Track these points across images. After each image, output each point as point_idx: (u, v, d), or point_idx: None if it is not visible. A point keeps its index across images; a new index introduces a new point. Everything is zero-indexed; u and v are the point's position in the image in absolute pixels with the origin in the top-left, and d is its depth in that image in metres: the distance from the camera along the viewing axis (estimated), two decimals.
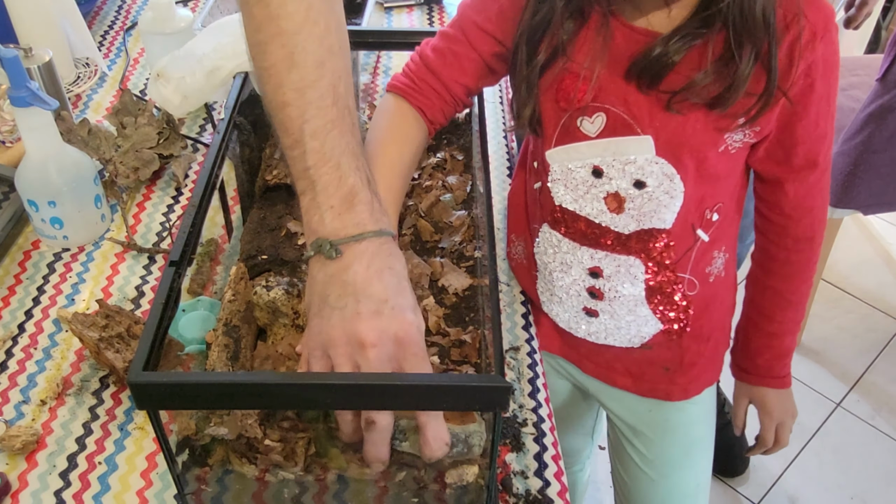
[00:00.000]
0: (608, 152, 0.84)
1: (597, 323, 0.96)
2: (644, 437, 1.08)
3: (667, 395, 1.03)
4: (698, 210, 0.87)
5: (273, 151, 1.03)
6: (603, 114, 0.82)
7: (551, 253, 0.94)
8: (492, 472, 0.72)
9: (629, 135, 0.82)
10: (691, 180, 0.84)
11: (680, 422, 1.06)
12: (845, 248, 2.39)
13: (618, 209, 0.86)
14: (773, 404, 1.03)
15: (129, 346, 0.87)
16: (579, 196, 0.88)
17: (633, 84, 0.80)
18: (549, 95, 0.85)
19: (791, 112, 0.81)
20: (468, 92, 0.92)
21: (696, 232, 0.88)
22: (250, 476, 0.73)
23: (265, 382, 0.62)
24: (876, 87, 1.60)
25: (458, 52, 0.89)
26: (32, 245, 1.05)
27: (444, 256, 0.94)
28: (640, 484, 1.12)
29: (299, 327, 0.82)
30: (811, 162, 0.85)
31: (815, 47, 0.76)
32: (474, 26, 0.88)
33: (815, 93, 0.79)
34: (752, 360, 1.02)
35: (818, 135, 0.83)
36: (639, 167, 0.83)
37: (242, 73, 1.00)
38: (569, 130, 0.85)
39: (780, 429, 1.05)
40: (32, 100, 0.92)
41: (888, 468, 1.85)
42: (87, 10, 1.49)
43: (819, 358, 2.10)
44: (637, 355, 0.99)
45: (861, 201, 1.75)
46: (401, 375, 0.63)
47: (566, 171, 0.87)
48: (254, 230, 0.93)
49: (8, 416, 0.85)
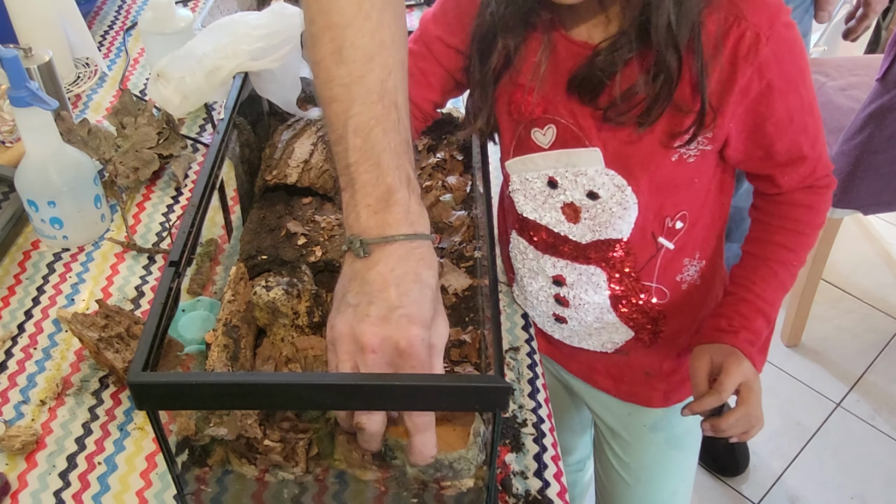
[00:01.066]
0: (560, 164, 0.84)
1: (567, 328, 0.97)
2: (622, 441, 1.08)
3: (647, 400, 1.02)
4: (657, 219, 0.85)
5: (273, 151, 1.03)
6: (553, 126, 0.83)
7: (521, 259, 0.95)
8: (491, 473, 0.72)
9: (578, 146, 0.82)
10: (644, 191, 0.82)
11: (660, 428, 1.05)
12: (845, 248, 2.39)
13: (574, 219, 0.86)
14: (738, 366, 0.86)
15: (129, 346, 0.87)
16: (538, 205, 0.88)
17: (575, 97, 0.80)
18: (503, 107, 0.86)
19: (755, 114, 0.79)
20: (436, 107, 0.92)
21: (657, 240, 0.87)
22: (250, 476, 0.73)
23: (265, 382, 0.62)
24: (876, 87, 1.60)
25: (425, 70, 0.88)
26: (32, 245, 1.05)
27: (444, 256, 0.94)
28: (616, 487, 1.12)
29: (299, 327, 0.82)
30: (796, 156, 0.83)
31: (760, 49, 0.74)
32: (437, 41, 0.87)
33: (775, 90, 0.77)
34: (721, 318, 0.89)
35: (795, 129, 0.80)
36: (590, 178, 0.83)
37: (242, 73, 1.00)
38: (524, 141, 0.86)
39: (745, 391, 0.85)
40: (32, 100, 0.92)
41: (888, 468, 1.85)
42: (87, 10, 1.49)
43: (819, 358, 2.10)
44: (616, 359, 0.99)
45: (861, 201, 1.75)
46: (400, 376, 0.63)
47: (524, 181, 0.88)
48: (254, 230, 0.93)
49: (8, 416, 0.85)
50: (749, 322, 0.86)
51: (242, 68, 0.99)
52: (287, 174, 0.97)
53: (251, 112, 1.06)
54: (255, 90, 1.04)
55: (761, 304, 0.87)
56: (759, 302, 0.87)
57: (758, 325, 0.86)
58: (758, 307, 0.87)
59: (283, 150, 1.01)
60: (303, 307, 0.83)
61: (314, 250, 0.90)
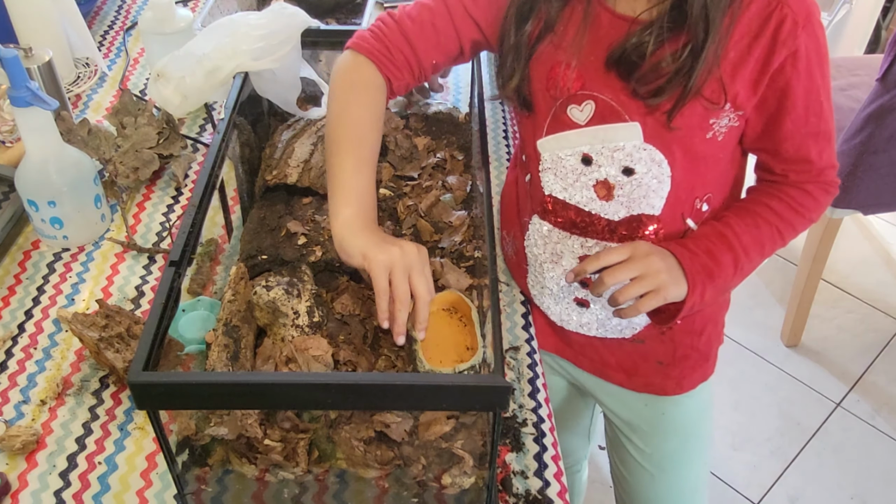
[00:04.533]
0: (597, 140, 0.84)
1: (588, 314, 0.96)
2: (641, 433, 1.08)
3: (661, 389, 1.03)
4: (688, 199, 0.87)
5: (273, 151, 1.03)
6: (592, 101, 0.83)
7: (542, 244, 0.94)
8: (491, 473, 0.72)
9: (617, 122, 0.82)
10: (679, 166, 0.84)
11: (675, 416, 1.06)
12: (845, 248, 2.39)
13: (607, 196, 0.86)
14: (653, 253, 0.83)
15: (129, 346, 0.87)
16: (569, 184, 0.88)
17: (614, 72, 0.80)
18: (540, 84, 0.85)
19: (779, 104, 0.81)
20: (435, 68, 0.92)
21: (685, 221, 0.88)
22: (250, 476, 0.73)
23: (265, 382, 0.62)
24: (876, 87, 1.60)
25: (439, 29, 0.88)
26: (32, 245, 1.05)
27: (444, 256, 0.94)
28: (639, 480, 1.12)
29: (299, 327, 0.82)
30: (803, 158, 0.85)
31: (798, 35, 0.76)
32: (461, 7, 0.88)
33: (802, 86, 0.79)
34: (690, 240, 0.87)
35: (808, 132, 0.82)
36: (627, 154, 0.83)
37: (242, 73, 1.00)
38: (559, 119, 0.86)
39: (636, 278, 0.82)
40: (32, 100, 0.92)
41: (888, 468, 1.85)
42: (87, 10, 1.49)
43: (819, 358, 2.10)
44: (629, 349, 0.99)
45: (861, 201, 1.75)
46: (401, 376, 0.63)
47: (556, 159, 0.88)
48: (254, 230, 0.93)
49: (8, 416, 0.85)
50: (715, 252, 0.85)
51: (242, 68, 0.99)
52: (287, 174, 0.97)
53: (251, 112, 1.06)
54: (255, 90, 1.04)
55: (735, 242, 0.86)
56: (734, 240, 0.86)
57: (723, 260, 0.85)
58: (730, 244, 0.86)
59: (283, 150, 1.01)
60: (303, 307, 0.83)
61: (314, 250, 0.90)
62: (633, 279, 0.81)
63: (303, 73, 1.06)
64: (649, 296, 0.82)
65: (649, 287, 0.81)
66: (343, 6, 1.43)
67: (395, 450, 0.75)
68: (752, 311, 2.18)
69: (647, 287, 0.81)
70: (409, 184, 1.04)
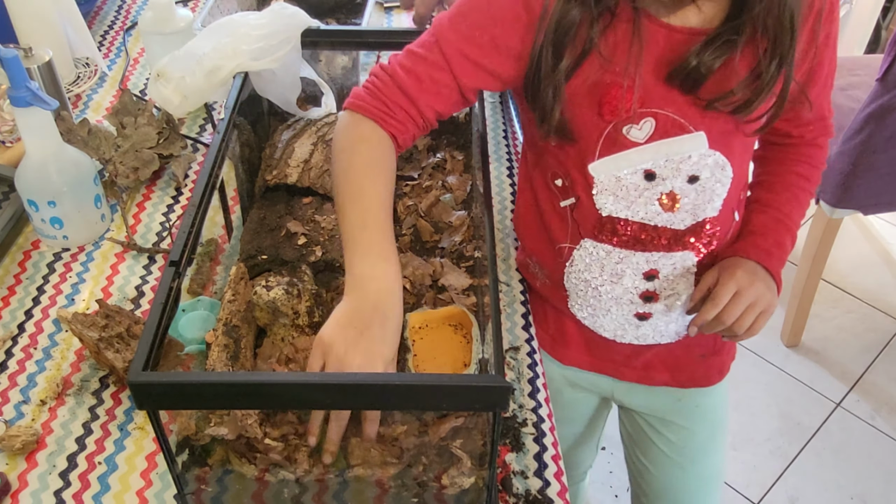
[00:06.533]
0: (660, 155, 0.83)
1: (646, 326, 0.94)
2: (675, 426, 1.08)
3: (706, 380, 1.04)
4: (738, 193, 0.89)
5: (273, 151, 1.03)
6: (652, 119, 0.81)
7: (597, 268, 0.90)
8: (491, 472, 0.72)
9: (682, 133, 0.82)
10: (737, 165, 0.86)
11: (708, 406, 1.07)
12: (845, 248, 2.39)
13: (671, 207, 0.85)
14: (748, 275, 0.87)
15: (129, 346, 0.87)
16: (631, 202, 0.85)
17: (675, 87, 0.80)
18: (587, 108, 0.82)
19: (808, 77, 0.83)
20: (439, 117, 0.88)
21: (734, 213, 0.90)
22: (250, 476, 0.73)
23: (265, 382, 0.62)
24: (876, 87, 1.60)
25: (438, 80, 0.83)
26: (32, 245, 1.05)
27: (444, 256, 0.94)
28: (667, 472, 1.12)
29: (299, 327, 0.82)
30: (820, 116, 0.91)
31: (833, 17, 0.81)
32: (461, 57, 0.82)
33: (829, 55, 0.83)
34: (758, 236, 0.92)
35: (825, 90, 0.87)
36: (693, 163, 0.83)
37: (242, 73, 1.00)
38: (614, 140, 0.83)
39: (747, 307, 0.86)
40: (32, 100, 0.92)
41: (888, 468, 1.85)
42: (87, 10, 1.49)
43: (819, 358, 2.10)
44: (673, 349, 0.99)
45: (861, 201, 1.75)
46: (401, 376, 0.63)
47: (614, 180, 0.85)
48: (254, 230, 0.93)
49: (8, 416, 0.85)
50: (781, 243, 0.92)
51: (242, 68, 0.99)
52: (287, 174, 0.97)
53: (251, 112, 1.06)
54: (255, 90, 1.04)
55: (790, 223, 0.93)
56: (789, 221, 0.93)
57: (787, 245, 0.93)
58: (787, 226, 0.93)
59: (283, 150, 1.01)
60: (303, 307, 0.83)
61: (314, 250, 0.90)
62: (743, 306, 0.85)
63: (303, 73, 1.06)
64: (761, 317, 0.87)
65: (760, 309, 0.86)
66: (343, 6, 1.43)
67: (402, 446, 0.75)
68: None
69: (758, 311, 0.86)
70: (409, 184, 1.04)
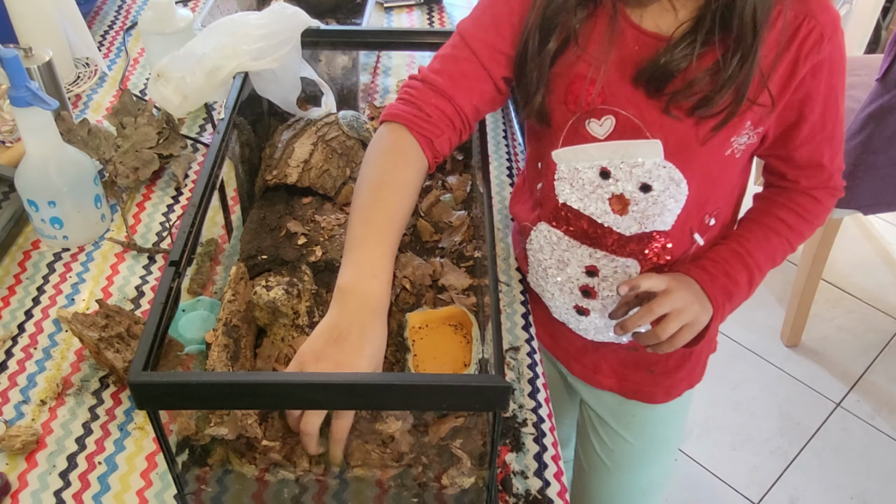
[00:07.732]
0: (616, 155, 0.84)
1: (586, 321, 0.96)
2: (607, 428, 1.09)
3: (650, 397, 1.03)
4: (699, 215, 0.87)
5: (273, 151, 1.03)
6: (612, 117, 0.82)
7: (548, 250, 0.94)
8: (491, 473, 0.72)
9: (638, 138, 0.82)
10: (695, 185, 0.84)
11: (649, 420, 1.06)
12: (845, 248, 2.39)
13: (621, 210, 0.86)
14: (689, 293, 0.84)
15: (129, 346, 0.87)
16: (584, 195, 0.87)
17: (641, 89, 0.80)
18: (558, 97, 0.84)
19: (798, 112, 0.81)
20: (478, 116, 0.88)
21: (693, 236, 0.89)
22: (250, 476, 0.73)
23: (265, 382, 0.62)
24: (876, 87, 1.60)
25: (469, 73, 0.84)
26: (32, 245, 1.05)
27: (444, 256, 0.94)
28: (596, 472, 1.14)
29: (299, 327, 0.82)
30: (815, 163, 0.87)
31: (823, 48, 0.77)
32: (487, 46, 0.84)
33: (821, 94, 0.80)
34: (708, 260, 0.89)
35: (824, 137, 0.84)
36: (646, 171, 0.83)
37: (242, 73, 1.00)
38: (577, 132, 0.85)
39: (672, 313, 0.83)
40: (32, 100, 0.92)
41: (888, 468, 1.85)
42: (87, 10, 1.49)
43: (819, 358, 2.10)
44: (623, 356, 0.99)
45: (861, 201, 1.75)
46: (401, 375, 0.63)
47: (573, 170, 0.87)
48: (254, 230, 0.93)
49: (8, 416, 0.85)
50: (732, 273, 0.87)
51: (242, 68, 0.99)
52: (287, 174, 0.97)
53: (251, 112, 1.06)
54: (255, 90, 1.04)
55: (750, 261, 0.88)
56: (748, 259, 0.88)
57: (738, 279, 0.88)
58: (745, 263, 0.88)
59: (283, 150, 1.01)
60: (303, 307, 0.83)
61: (314, 250, 0.90)
62: (668, 314, 0.82)
63: (303, 73, 1.06)
64: (685, 329, 0.84)
65: (685, 321, 0.83)
66: (343, 6, 1.43)
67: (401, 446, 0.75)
68: (752, 311, 2.18)
69: (682, 321, 0.83)
70: None
